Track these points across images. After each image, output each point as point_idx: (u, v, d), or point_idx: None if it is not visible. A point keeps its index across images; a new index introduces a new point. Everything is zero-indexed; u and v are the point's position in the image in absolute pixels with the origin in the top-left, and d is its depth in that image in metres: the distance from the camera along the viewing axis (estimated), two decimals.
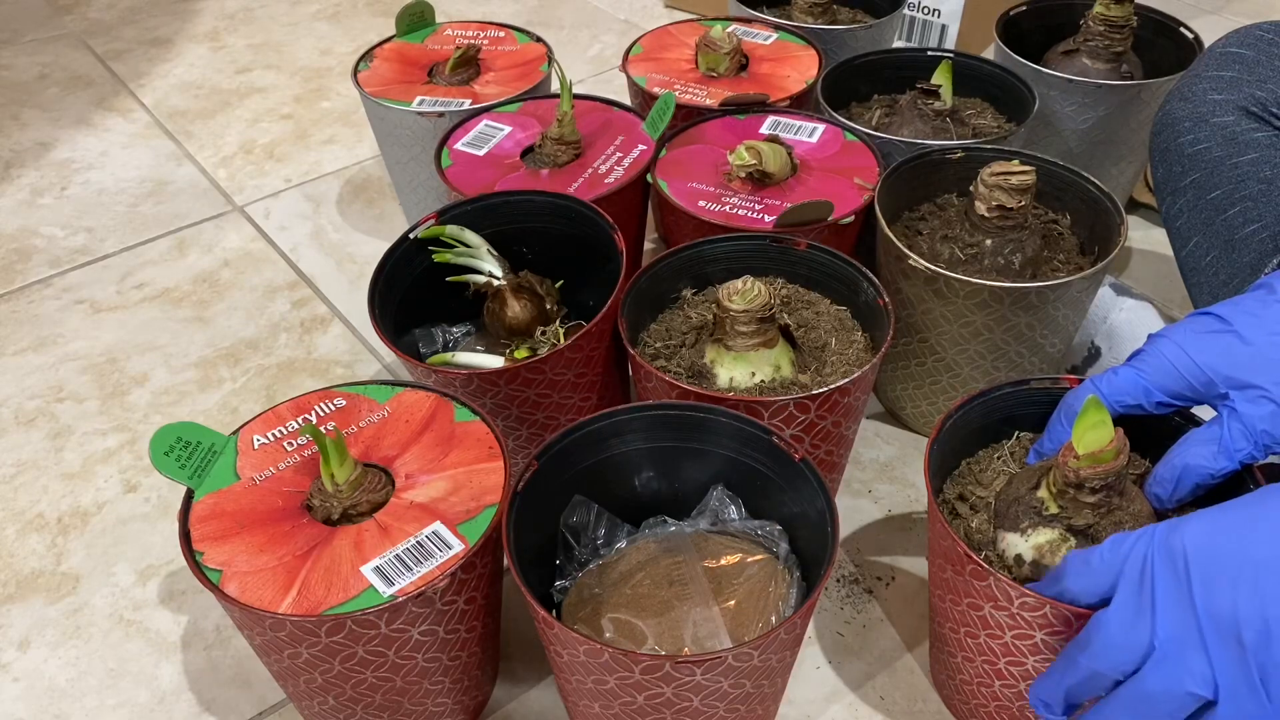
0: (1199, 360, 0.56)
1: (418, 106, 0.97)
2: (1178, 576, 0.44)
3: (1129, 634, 0.45)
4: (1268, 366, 0.53)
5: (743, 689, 0.54)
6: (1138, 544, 0.47)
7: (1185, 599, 0.44)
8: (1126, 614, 0.46)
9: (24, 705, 0.70)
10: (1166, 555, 0.45)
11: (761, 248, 0.78)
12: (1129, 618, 0.45)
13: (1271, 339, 0.54)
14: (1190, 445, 0.56)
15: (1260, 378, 0.54)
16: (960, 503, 0.64)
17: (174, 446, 0.60)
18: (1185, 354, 0.56)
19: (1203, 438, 0.56)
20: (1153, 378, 0.57)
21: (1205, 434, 0.56)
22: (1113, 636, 0.46)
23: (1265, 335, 0.54)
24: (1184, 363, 0.56)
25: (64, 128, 1.30)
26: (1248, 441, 0.54)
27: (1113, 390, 0.58)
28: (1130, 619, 0.45)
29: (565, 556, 0.65)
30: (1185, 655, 0.43)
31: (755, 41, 1.05)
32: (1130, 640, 0.45)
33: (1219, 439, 0.55)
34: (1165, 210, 0.82)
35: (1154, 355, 0.57)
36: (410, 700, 0.61)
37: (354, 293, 1.04)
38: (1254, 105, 0.76)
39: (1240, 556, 0.43)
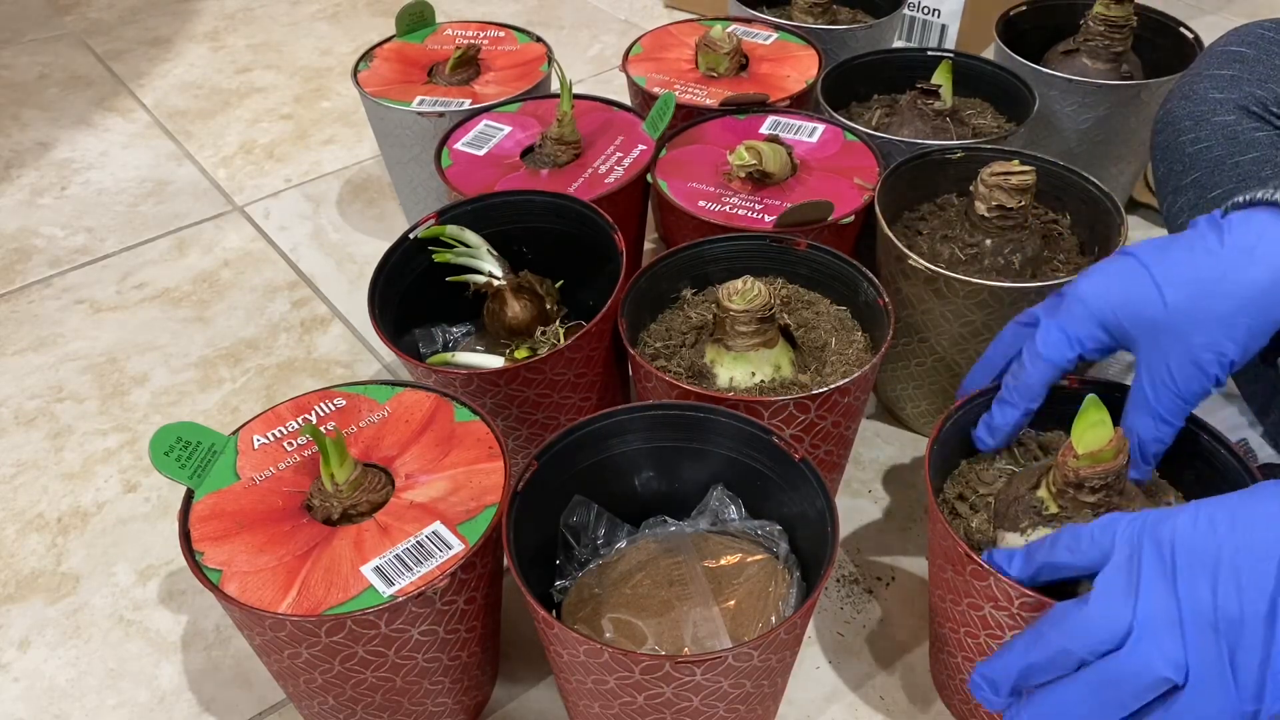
0: (1117, 311, 0.56)
1: (418, 106, 0.97)
2: (1164, 563, 0.45)
3: (1111, 613, 0.46)
4: (1179, 323, 0.54)
5: (743, 689, 0.54)
6: (1130, 527, 0.48)
7: (1169, 586, 0.45)
8: (1112, 593, 0.46)
9: (24, 705, 0.70)
10: (1155, 542, 0.46)
11: (761, 248, 0.78)
12: (1114, 597, 0.46)
13: (1181, 291, 0.54)
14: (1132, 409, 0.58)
15: (1173, 336, 0.55)
16: (960, 502, 0.64)
17: (174, 446, 0.60)
18: (1105, 303, 0.57)
19: (1135, 399, 0.58)
20: (1077, 330, 0.58)
21: (1136, 395, 0.58)
22: (1095, 615, 0.46)
23: (1177, 289, 0.54)
24: (1104, 313, 0.57)
25: (64, 128, 1.30)
26: (1162, 393, 0.56)
27: (1048, 350, 0.59)
28: (1115, 598, 0.46)
29: (565, 556, 0.65)
30: (1163, 639, 0.44)
31: (755, 41, 1.05)
32: (1111, 619, 0.46)
33: (1142, 397, 0.57)
34: (1166, 209, 0.82)
35: (1076, 307, 0.58)
36: (410, 700, 0.61)
37: (354, 293, 1.04)
38: (1255, 104, 0.76)
39: (1223, 547, 0.44)
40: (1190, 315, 0.54)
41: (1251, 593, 0.43)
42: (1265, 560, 0.43)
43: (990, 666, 0.50)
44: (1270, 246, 0.53)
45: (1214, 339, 0.54)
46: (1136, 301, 0.56)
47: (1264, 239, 0.53)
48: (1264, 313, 0.53)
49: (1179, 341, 0.55)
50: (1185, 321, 0.54)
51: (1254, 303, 0.53)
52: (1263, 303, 0.53)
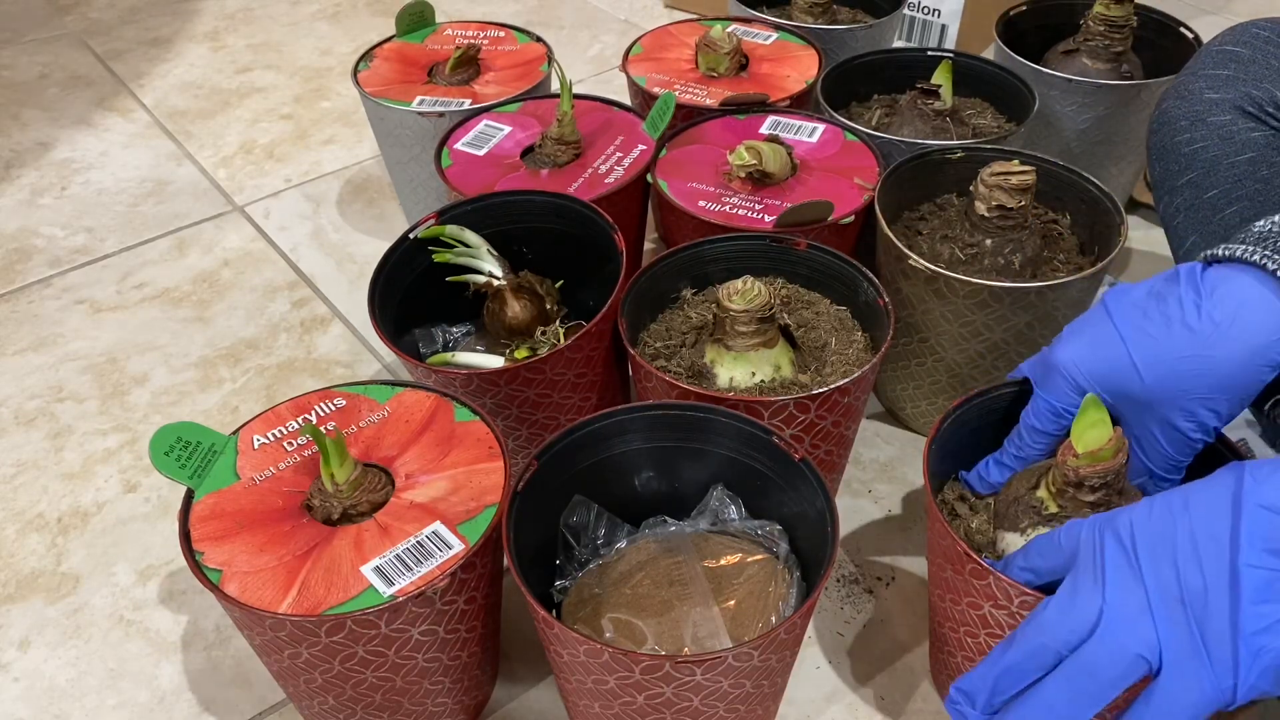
0: (1098, 387, 0.57)
1: (418, 106, 0.97)
2: (1124, 550, 0.47)
3: (1080, 604, 0.47)
4: (1157, 401, 0.55)
5: (743, 689, 0.54)
6: (1091, 524, 0.49)
7: (1133, 570, 0.46)
8: (1078, 585, 0.48)
9: (24, 705, 0.70)
10: (1113, 532, 0.48)
11: (761, 248, 0.78)
12: (1081, 588, 0.47)
13: (1157, 371, 0.55)
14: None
15: (1153, 410, 0.56)
16: (960, 503, 0.64)
17: (174, 446, 0.60)
18: (1087, 379, 0.58)
19: (1134, 463, 0.59)
20: (1061, 402, 0.59)
21: (1134, 459, 0.59)
22: (1064, 607, 0.48)
23: (1154, 369, 0.55)
24: (1087, 387, 0.57)
25: (64, 128, 1.30)
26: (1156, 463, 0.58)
27: (1041, 424, 0.60)
28: (1082, 589, 0.47)
29: (565, 556, 0.65)
30: (1133, 621, 0.45)
31: (755, 41, 1.05)
32: (1081, 609, 0.47)
33: (1140, 462, 0.59)
34: (1163, 209, 0.82)
35: (1059, 381, 0.59)
36: (410, 700, 0.61)
37: (354, 293, 1.04)
38: (1250, 104, 0.76)
39: (1179, 527, 0.46)
40: (1168, 392, 0.55)
41: (1212, 565, 0.44)
42: (1219, 531, 0.44)
43: (967, 678, 0.51)
44: (1249, 318, 0.52)
45: (1194, 412, 0.55)
46: (1115, 378, 0.56)
47: (1243, 309, 0.52)
48: (1241, 386, 0.53)
49: (1160, 414, 0.56)
50: (1165, 398, 0.55)
51: (1231, 379, 0.53)
52: (1240, 378, 0.53)
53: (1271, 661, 0.43)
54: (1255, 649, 0.43)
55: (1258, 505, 0.44)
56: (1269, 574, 0.43)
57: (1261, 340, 0.52)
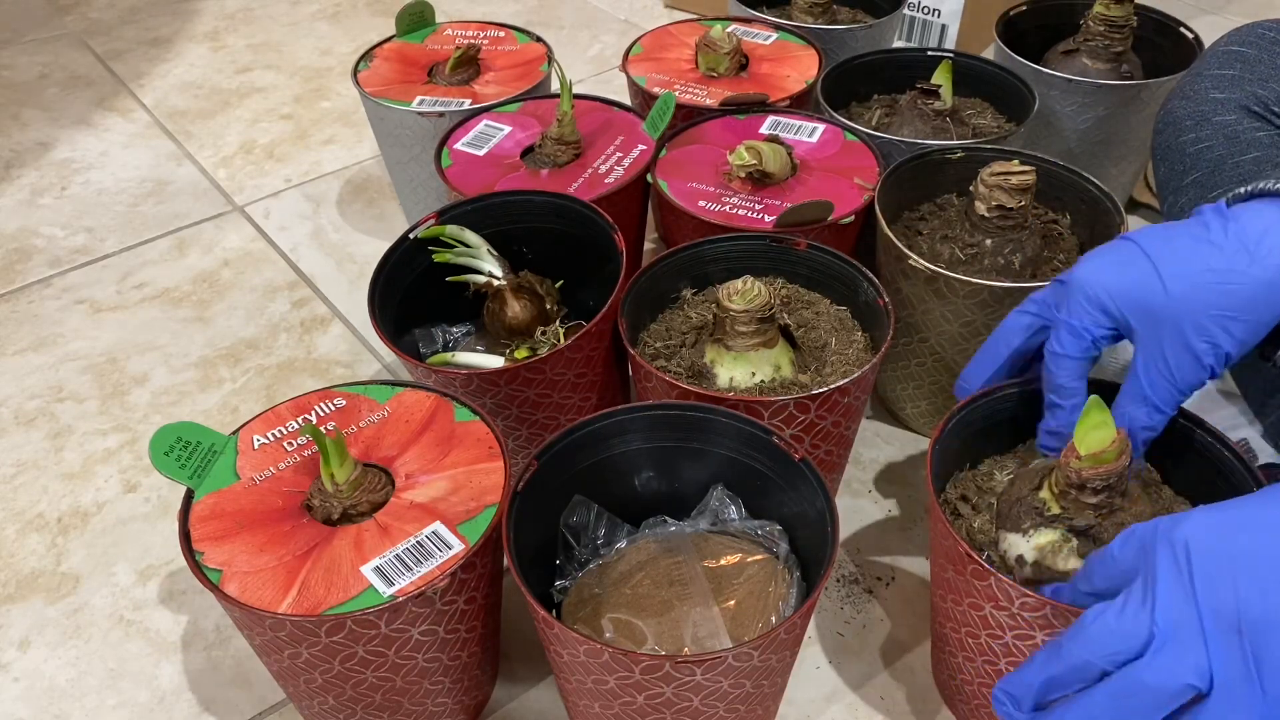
0: (1118, 300, 0.56)
1: (418, 106, 0.97)
2: (1179, 569, 0.45)
3: (1129, 623, 0.45)
4: (1177, 313, 0.54)
5: (743, 689, 0.54)
6: (1144, 535, 0.47)
7: (1187, 591, 0.44)
8: (1129, 602, 0.46)
9: (24, 705, 0.70)
10: (1169, 548, 0.45)
11: (761, 248, 0.78)
12: (1132, 606, 0.45)
13: (1181, 281, 0.54)
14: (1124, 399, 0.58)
15: (1171, 325, 0.55)
16: (962, 503, 0.64)
17: (174, 446, 0.60)
18: (1107, 292, 0.57)
19: (1130, 387, 0.58)
20: (1083, 321, 0.58)
21: (1131, 382, 0.58)
22: (1111, 625, 0.46)
23: (1179, 280, 0.54)
24: (1106, 301, 0.57)
25: (64, 128, 1.30)
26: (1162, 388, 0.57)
27: (1067, 348, 0.59)
28: (1133, 607, 0.45)
29: (565, 556, 0.65)
30: (1185, 645, 0.43)
31: (755, 41, 1.05)
32: (1129, 629, 0.45)
33: (1137, 385, 0.57)
34: (1167, 209, 0.82)
35: (1078, 298, 0.58)
36: (410, 700, 0.61)
37: (354, 293, 1.04)
38: (1256, 104, 0.76)
39: (1241, 551, 0.43)
40: (1190, 306, 0.54)
41: (1273, 595, 0.42)
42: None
43: (1011, 682, 0.49)
44: (1273, 242, 0.53)
45: (1211, 332, 0.54)
46: (1138, 288, 0.55)
47: (1269, 234, 0.53)
48: (1263, 310, 0.53)
49: (1177, 331, 0.55)
50: (1184, 312, 0.54)
51: (1254, 299, 0.53)
52: (1264, 299, 0.53)
53: None
54: None
55: None
56: None
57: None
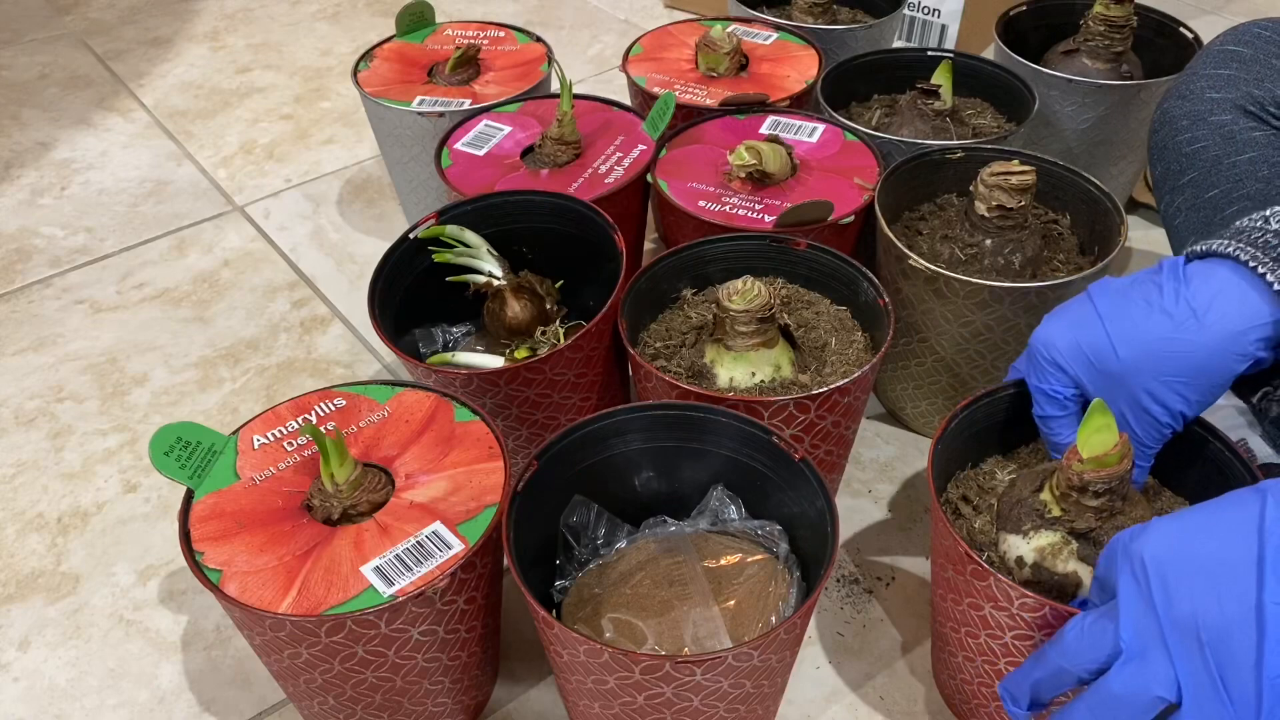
0: (1074, 364, 0.58)
1: (418, 106, 0.97)
2: (1138, 581, 0.45)
3: (1095, 634, 0.46)
4: (1130, 380, 0.56)
5: (743, 689, 0.54)
6: (1112, 547, 0.47)
7: (1146, 603, 0.44)
8: (1099, 615, 0.46)
9: (24, 705, 0.70)
10: (1127, 560, 0.45)
11: (761, 248, 0.78)
12: (1099, 619, 0.46)
13: (1132, 350, 0.55)
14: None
15: (1126, 390, 0.56)
16: (963, 503, 0.64)
17: (174, 446, 0.60)
18: (1064, 356, 0.58)
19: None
20: (1046, 383, 0.60)
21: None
22: (1081, 634, 0.47)
23: (1129, 348, 0.56)
24: (1065, 364, 0.58)
25: (64, 128, 1.30)
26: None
27: (1042, 409, 0.61)
28: (1099, 621, 0.46)
29: (565, 556, 0.65)
30: (1149, 658, 0.44)
31: (755, 41, 1.05)
32: (1096, 640, 0.46)
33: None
34: (1164, 208, 0.82)
35: (1039, 362, 0.60)
36: (410, 700, 0.61)
37: (354, 293, 1.04)
38: (1251, 104, 0.76)
39: (1196, 559, 0.43)
40: (1140, 371, 0.55)
41: (1232, 602, 0.41)
42: (1242, 567, 0.42)
43: (1010, 680, 0.51)
44: (1223, 309, 0.53)
45: (1162, 395, 0.55)
46: (1090, 352, 0.57)
47: (1218, 300, 0.53)
48: (1213, 373, 0.54)
49: (1130, 393, 0.56)
50: (1135, 376, 0.56)
51: (1203, 365, 0.54)
52: (1211, 364, 0.54)
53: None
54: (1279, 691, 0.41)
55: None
56: None
57: (1234, 329, 0.53)
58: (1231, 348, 0.53)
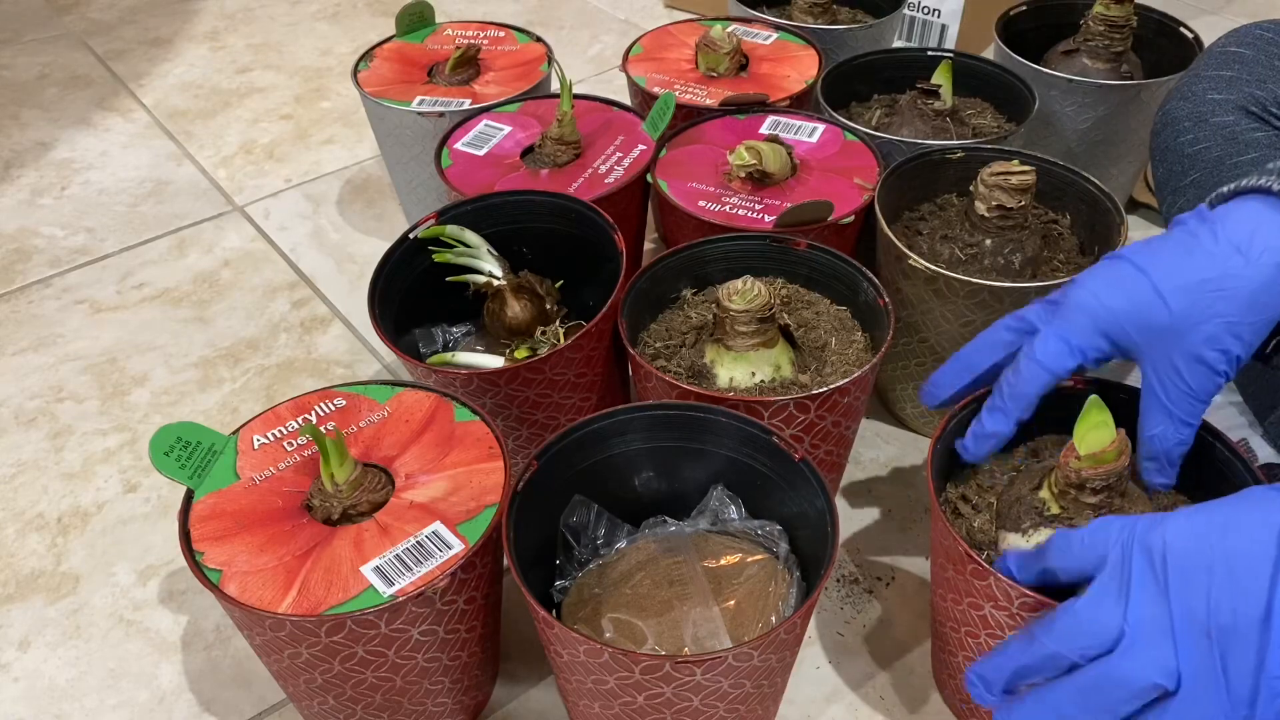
0: (1122, 320, 0.56)
1: (418, 106, 0.97)
2: (1154, 569, 0.45)
3: (1101, 618, 0.46)
4: (1184, 327, 0.54)
5: (743, 689, 0.54)
6: (1121, 532, 0.47)
7: (1160, 591, 0.45)
8: (1103, 599, 0.46)
9: (24, 705, 0.70)
10: (1145, 548, 0.46)
11: (761, 248, 0.78)
12: (1104, 603, 0.46)
13: (1183, 295, 0.54)
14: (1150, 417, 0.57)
15: (1179, 340, 0.54)
16: (963, 503, 0.64)
17: (174, 446, 0.60)
18: (1109, 312, 0.56)
19: (1151, 406, 0.57)
20: (1080, 339, 0.57)
21: (1150, 402, 0.57)
22: (1084, 619, 0.46)
23: (1179, 293, 0.54)
24: (1108, 322, 0.56)
25: (64, 128, 1.30)
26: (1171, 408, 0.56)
27: (1049, 360, 0.58)
28: (1105, 604, 0.46)
29: (565, 556, 0.65)
30: (1155, 645, 0.44)
31: (755, 41, 1.05)
32: (1101, 624, 0.46)
33: (1158, 403, 0.57)
34: (1166, 210, 0.82)
35: (1077, 316, 0.57)
36: (410, 700, 0.61)
37: (354, 293, 1.04)
38: (1254, 105, 0.76)
39: (1215, 554, 0.44)
40: (1194, 318, 0.54)
41: (1245, 599, 0.42)
42: (1259, 566, 0.42)
43: (984, 665, 0.50)
44: (1265, 240, 0.53)
45: (1219, 339, 0.54)
46: (1140, 309, 0.55)
47: (1258, 233, 0.53)
48: (1265, 308, 0.53)
49: (1185, 344, 0.54)
50: (1190, 325, 0.54)
51: (1255, 299, 0.53)
52: (1263, 298, 0.53)
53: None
54: (1276, 690, 0.41)
55: None
56: None
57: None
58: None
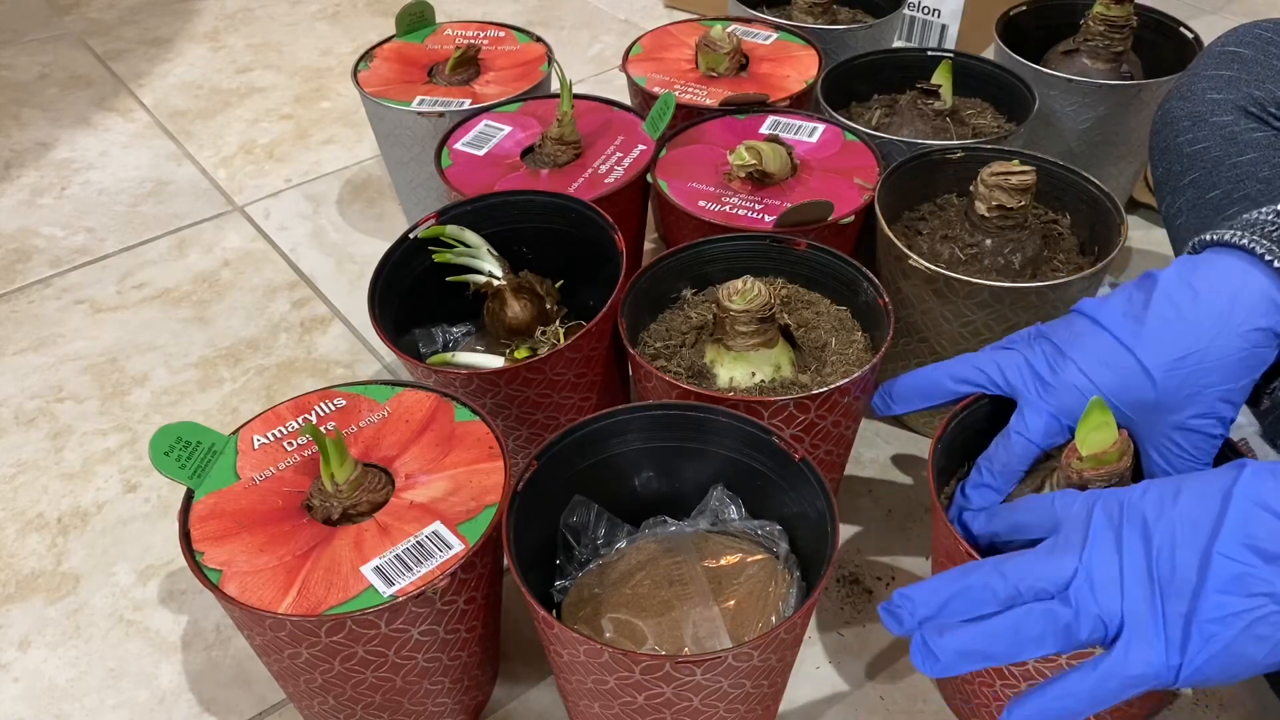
0: (1114, 400, 0.57)
1: (418, 106, 0.97)
2: (1111, 522, 0.48)
3: (1058, 560, 0.48)
4: (1173, 403, 0.56)
5: (743, 689, 0.54)
6: (1087, 497, 0.50)
7: (1114, 541, 0.47)
8: (1063, 544, 0.49)
9: (24, 705, 0.70)
10: (1104, 505, 0.49)
11: (761, 248, 0.78)
12: (1062, 548, 0.49)
13: (1170, 373, 0.55)
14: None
15: (1170, 415, 0.56)
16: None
17: (174, 446, 0.60)
18: (1094, 388, 0.58)
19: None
20: (1072, 419, 0.59)
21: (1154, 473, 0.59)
22: (1042, 557, 0.49)
23: (1165, 371, 0.55)
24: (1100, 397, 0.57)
25: (64, 128, 1.30)
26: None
27: (1040, 438, 0.60)
28: (1062, 548, 0.49)
29: (565, 556, 0.65)
30: (1102, 586, 0.47)
31: (755, 41, 1.05)
32: (1057, 565, 0.48)
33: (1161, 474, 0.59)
34: (1165, 209, 0.82)
35: (1068, 395, 0.59)
36: (410, 700, 0.61)
37: (354, 293, 1.04)
38: (1252, 105, 0.76)
39: (1167, 512, 0.47)
40: (1184, 392, 0.55)
41: (1186, 549, 0.45)
42: (1203, 521, 0.45)
43: (915, 589, 0.50)
44: (1246, 305, 0.53)
45: (1212, 407, 0.55)
46: (1129, 388, 0.57)
47: (1239, 299, 0.54)
48: (1251, 370, 0.55)
49: (1177, 418, 0.56)
50: (1180, 399, 0.55)
51: (1241, 365, 0.54)
52: (1250, 363, 0.54)
53: (1219, 650, 0.43)
54: (1207, 635, 0.44)
55: (1247, 499, 0.45)
56: (1240, 567, 0.43)
57: (1262, 322, 0.53)
58: (1264, 342, 0.54)
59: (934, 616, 0.49)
